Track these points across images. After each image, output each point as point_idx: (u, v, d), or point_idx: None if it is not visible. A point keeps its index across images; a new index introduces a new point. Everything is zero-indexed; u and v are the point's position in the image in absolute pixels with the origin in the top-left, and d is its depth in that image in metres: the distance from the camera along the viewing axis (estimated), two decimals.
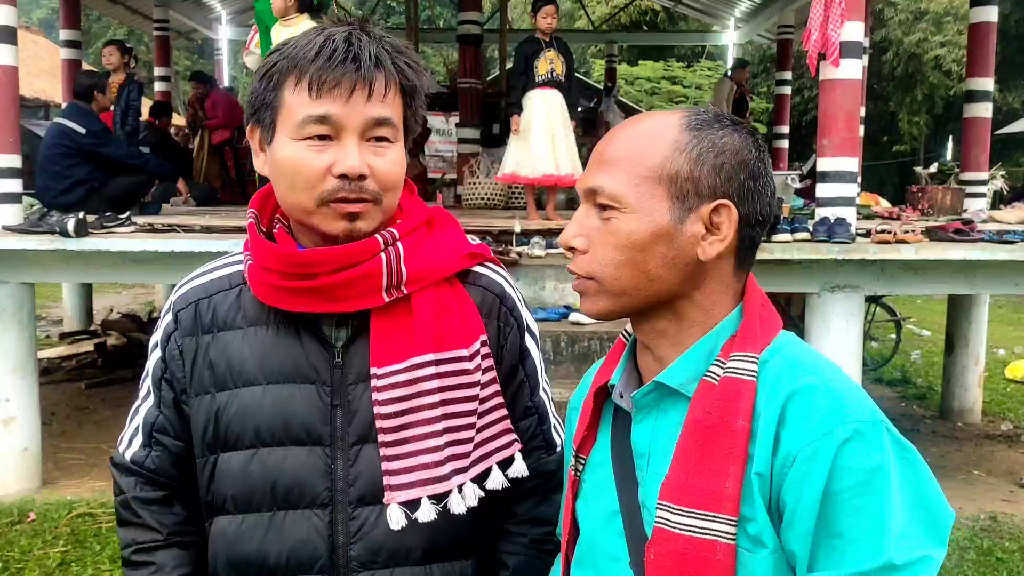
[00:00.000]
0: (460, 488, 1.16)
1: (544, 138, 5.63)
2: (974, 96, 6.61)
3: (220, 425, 1.19)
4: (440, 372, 1.16)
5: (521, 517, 1.28)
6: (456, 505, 1.15)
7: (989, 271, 4.69)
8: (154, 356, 1.26)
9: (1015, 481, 5.09)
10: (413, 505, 1.14)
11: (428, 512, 1.14)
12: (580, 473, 1.13)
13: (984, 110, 6.60)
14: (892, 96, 21.07)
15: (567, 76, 5.78)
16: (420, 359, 1.15)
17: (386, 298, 1.16)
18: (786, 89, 11.09)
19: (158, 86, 10.81)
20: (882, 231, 4.55)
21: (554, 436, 1.30)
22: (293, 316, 1.19)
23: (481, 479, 1.19)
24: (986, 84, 6.58)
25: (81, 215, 4.52)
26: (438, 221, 1.27)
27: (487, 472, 1.19)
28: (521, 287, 4.59)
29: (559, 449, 1.30)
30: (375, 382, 1.15)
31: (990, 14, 6.55)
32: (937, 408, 6.63)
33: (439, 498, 1.15)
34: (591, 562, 1.09)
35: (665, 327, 1.04)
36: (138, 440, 1.26)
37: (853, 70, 4.51)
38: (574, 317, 4.44)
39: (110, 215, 4.81)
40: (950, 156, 15.87)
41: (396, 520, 1.14)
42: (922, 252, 4.47)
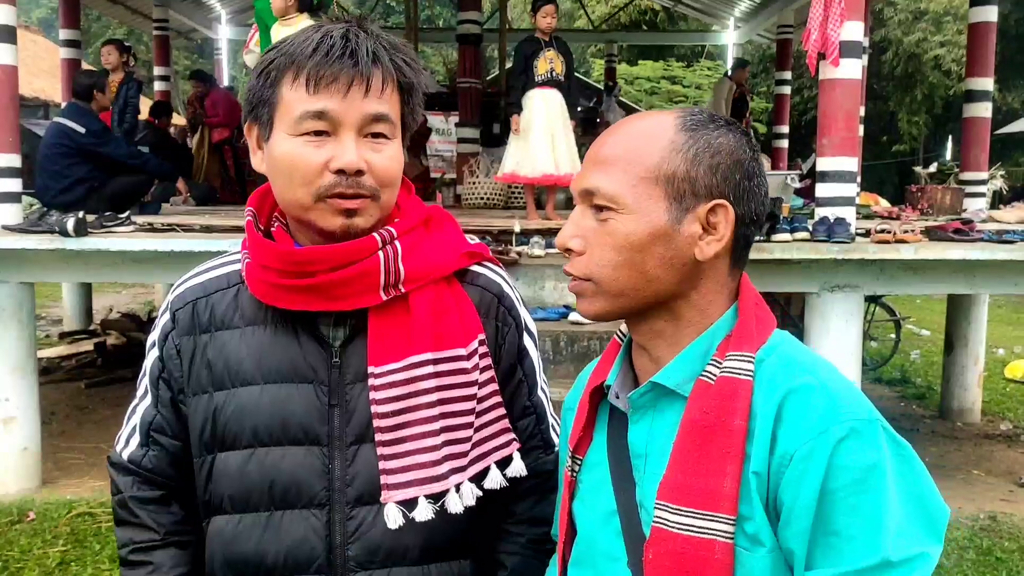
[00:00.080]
0: (458, 487, 1.16)
1: (544, 138, 5.62)
2: (974, 96, 6.61)
3: (218, 425, 1.19)
4: (438, 371, 1.16)
5: (519, 517, 1.28)
6: (453, 504, 1.15)
7: (988, 271, 4.68)
8: (151, 355, 1.26)
9: (1014, 481, 5.09)
10: (410, 504, 1.14)
11: (425, 511, 1.14)
12: (576, 473, 1.13)
13: (984, 110, 6.60)
14: (892, 96, 21.07)
15: (567, 76, 5.77)
16: (418, 358, 1.15)
17: (384, 297, 1.16)
18: (786, 89, 11.10)
19: (158, 85, 10.81)
20: (881, 231, 4.55)
21: (552, 436, 1.30)
22: (291, 315, 1.18)
23: (479, 478, 1.19)
24: (986, 84, 6.57)
25: (81, 214, 4.52)
26: (436, 220, 1.26)
27: (485, 471, 1.19)
28: (521, 287, 4.60)
29: (557, 449, 1.29)
30: (372, 381, 1.15)
31: (990, 14, 6.54)
32: (936, 408, 6.63)
33: (436, 497, 1.15)
34: (589, 562, 1.09)
35: (662, 328, 1.04)
36: (135, 439, 1.26)
37: (853, 70, 4.50)
38: (574, 317, 4.43)
39: (110, 215, 4.80)
40: (949, 156, 15.90)
41: (393, 519, 1.13)
42: (921, 252, 4.47)
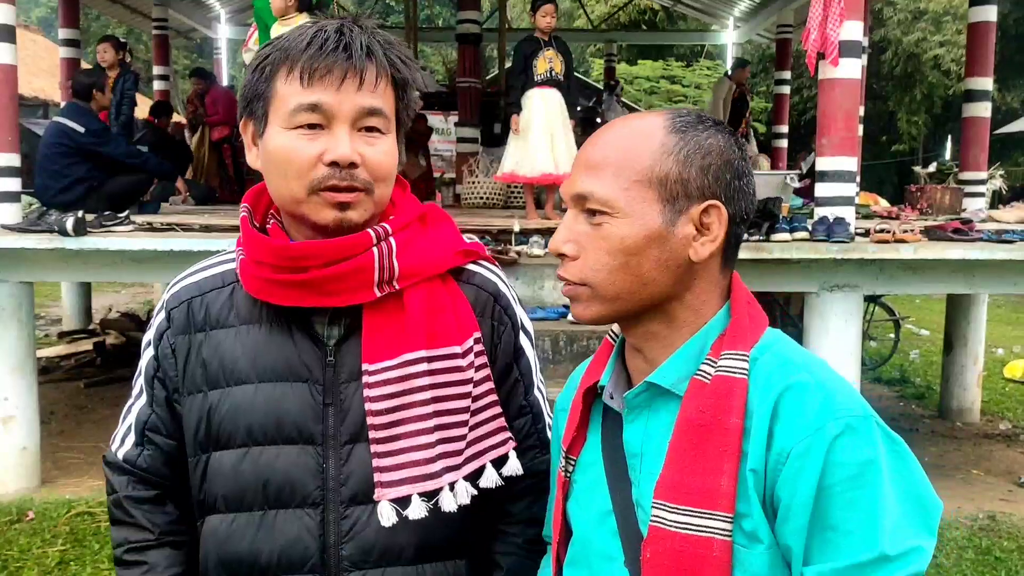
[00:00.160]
0: (452, 486, 1.15)
1: (543, 137, 5.62)
2: (973, 95, 6.61)
3: (212, 424, 1.18)
4: (432, 369, 1.16)
5: (515, 517, 1.28)
6: (447, 503, 1.15)
7: (988, 270, 4.69)
8: (147, 354, 1.26)
9: (1014, 480, 5.09)
10: (404, 502, 1.14)
11: (419, 509, 1.13)
12: (570, 474, 1.13)
13: (983, 109, 6.60)
14: (891, 96, 21.08)
15: (566, 75, 5.77)
16: (412, 355, 1.15)
17: (378, 293, 1.15)
18: (785, 88, 11.11)
19: (157, 85, 10.81)
20: (881, 230, 4.55)
21: (549, 436, 1.30)
22: (286, 314, 1.18)
23: (474, 477, 1.18)
24: (985, 84, 6.57)
25: (80, 214, 4.51)
26: (432, 218, 1.26)
27: (480, 470, 1.19)
28: (520, 286, 4.60)
29: None
30: (366, 378, 1.15)
31: (989, 13, 6.54)
32: (936, 407, 6.63)
33: (430, 495, 1.14)
34: (585, 562, 1.09)
35: (656, 329, 1.04)
36: (131, 439, 1.26)
37: (852, 69, 4.51)
38: (572, 316, 4.42)
39: (109, 214, 4.80)
40: (949, 156, 15.90)
41: (387, 517, 1.13)
42: (921, 251, 4.47)
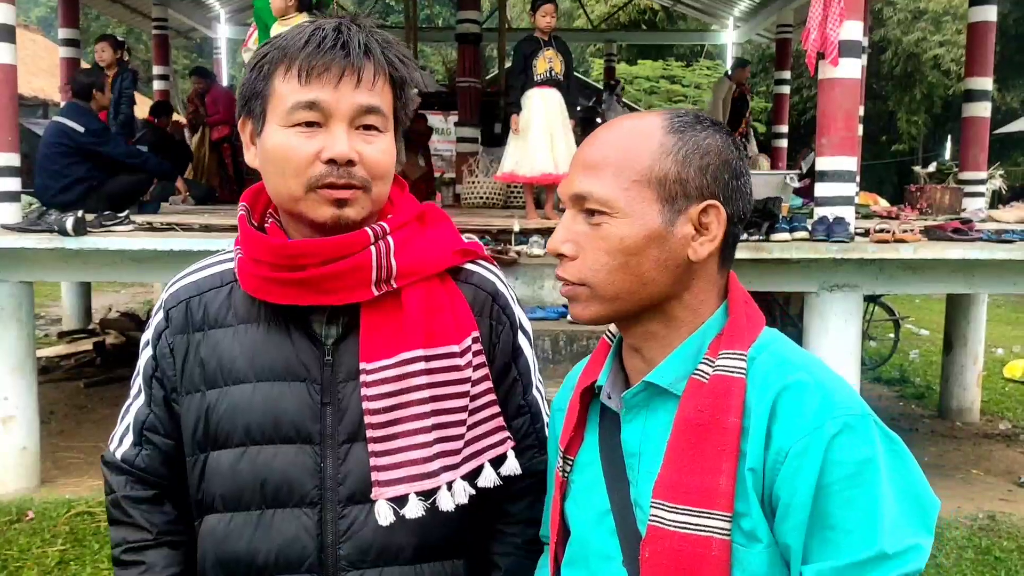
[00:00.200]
0: (450, 485, 1.15)
1: (543, 137, 5.62)
2: (973, 95, 6.61)
3: (210, 423, 1.18)
4: (430, 368, 1.15)
5: (514, 518, 1.27)
6: (445, 502, 1.14)
7: (987, 270, 4.69)
8: (145, 354, 1.26)
9: (1013, 480, 5.09)
10: (401, 502, 1.13)
11: (416, 508, 1.13)
12: (568, 474, 1.13)
13: (983, 109, 6.60)
14: (891, 95, 21.08)
15: (566, 75, 5.78)
16: (409, 354, 1.15)
17: (375, 292, 1.15)
18: (785, 88, 11.11)
19: (157, 85, 10.80)
20: (881, 230, 4.55)
21: (548, 435, 1.29)
22: (284, 313, 1.18)
23: (473, 477, 1.18)
24: (985, 83, 6.57)
25: (80, 214, 4.51)
26: (430, 217, 1.26)
27: (479, 470, 1.19)
28: (520, 286, 4.60)
29: None
30: (364, 378, 1.15)
31: (989, 13, 6.54)
32: (935, 407, 6.63)
33: (427, 495, 1.14)
34: (583, 562, 1.09)
35: (655, 329, 1.05)
36: (129, 439, 1.26)
37: (852, 69, 4.50)
38: (571, 316, 4.41)
39: (109, 214, 4.80)
40: (949, 155, 15.90)
41: (384, 516, 1.13)
42: (920, 251, 4.47)
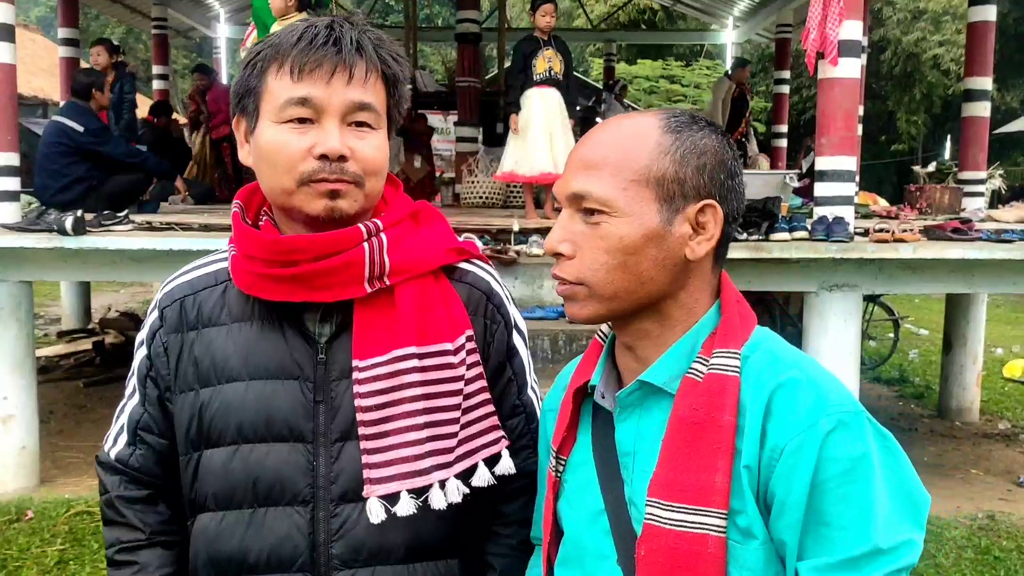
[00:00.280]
0: (443, 484, 1.15)
1: (542, 136, 5.62)
2: (972, 95, 6.61)
3: (203, 421, 1.18)
4: (423, 366, 1.15)
5: (509, 518, 1.27)
6: (436, 500, 1.14)
7: (987, 270, 4.69)
8: (140, 354, 1.26)
9: (1013, 480, 5.09)
10: (393, 500, 1.13)
11: (407, 506, 1.13)
12: (561, 474, 1.13)
13: (982, 109, 6.60)
14: (890, 95, 21.08)
15: (565, 75, 5.77)
16: (401, 352, 1.14)
17: (368, 289, 1.15)
18: (784, 88, 11.11)
19: (156, 84, 10.81)
20: (880, 230, 4.55)
21: None
22: (277, 312, 1.18)
23: (467, 476, 1.18)
24: (984, 83, 6.57)
25: (79, 213, 4.51)
26: (424, 215, 1.26)
27: (473, 469, 1.18)
28: (519, 286, 4.60)
29: None
30: (357, 375, 1.14)
31: (989, 13, 6.53)
32: (935, 407, 6.63)
33: (419, 493, 1.14)
34: (577, 562, 1.09)
35: (649, 328, 1.05)
36: (123, 438, 1.26)
37: (851, 69, 4.50)
38: (567, 316, 4.41)
39: (108, 213, 4.80)
40: (948, 155, 15.90)
41: (376, 514, 1.13)
42: (920, 251, 4.47)
